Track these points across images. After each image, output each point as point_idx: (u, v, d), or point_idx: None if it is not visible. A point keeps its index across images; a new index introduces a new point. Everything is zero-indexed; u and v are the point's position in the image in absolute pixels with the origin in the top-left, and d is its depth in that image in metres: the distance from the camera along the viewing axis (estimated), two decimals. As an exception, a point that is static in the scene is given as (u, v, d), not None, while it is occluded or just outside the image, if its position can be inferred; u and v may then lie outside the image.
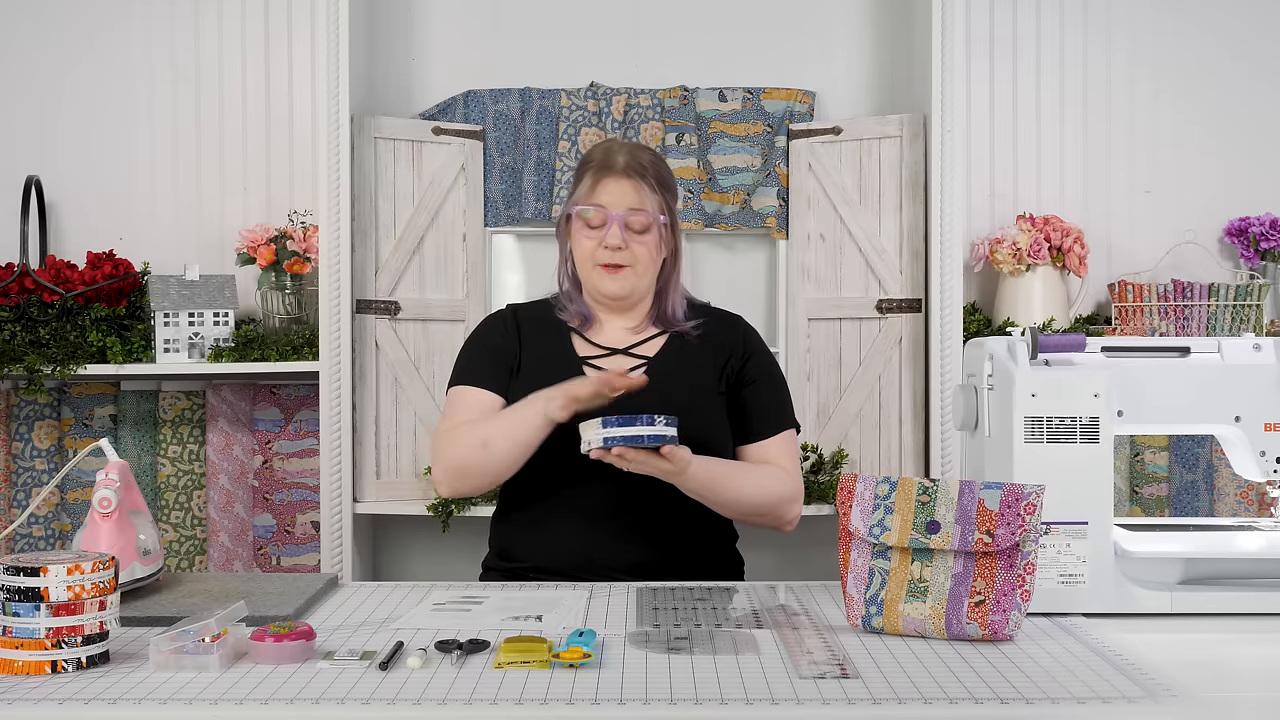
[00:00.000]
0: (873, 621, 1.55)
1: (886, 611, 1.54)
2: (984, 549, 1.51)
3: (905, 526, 1.55)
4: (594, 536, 2.00)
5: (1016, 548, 1.51)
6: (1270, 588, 1.65)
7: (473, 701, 1.26)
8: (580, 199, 2.08)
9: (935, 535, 1.54)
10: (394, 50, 2.94)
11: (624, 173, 2.06)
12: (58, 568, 1.36)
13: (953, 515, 1.53)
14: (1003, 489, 1.53)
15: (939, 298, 2.65)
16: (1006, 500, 1.52)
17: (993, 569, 1.52)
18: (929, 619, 1.52)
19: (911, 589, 1.54)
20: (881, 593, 1.55)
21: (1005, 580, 1.51)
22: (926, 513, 1.54)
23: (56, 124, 2.93)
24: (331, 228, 2.63)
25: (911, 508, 1.55)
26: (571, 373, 2.07)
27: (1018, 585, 1.51)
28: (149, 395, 2.80)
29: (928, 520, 1.54)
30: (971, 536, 1.52)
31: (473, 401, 2.06)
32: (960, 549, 1.52)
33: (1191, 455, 2.78)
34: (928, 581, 1.54)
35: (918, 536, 1.54)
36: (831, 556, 2.85)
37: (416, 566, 2.94)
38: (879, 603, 1.55)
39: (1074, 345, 1.70)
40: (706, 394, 2.09)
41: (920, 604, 1.53)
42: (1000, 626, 1.49)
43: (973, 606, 1.51)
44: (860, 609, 1.56)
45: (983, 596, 1.51)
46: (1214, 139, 2.97)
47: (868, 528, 1.57)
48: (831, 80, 2.96)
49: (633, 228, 2.06)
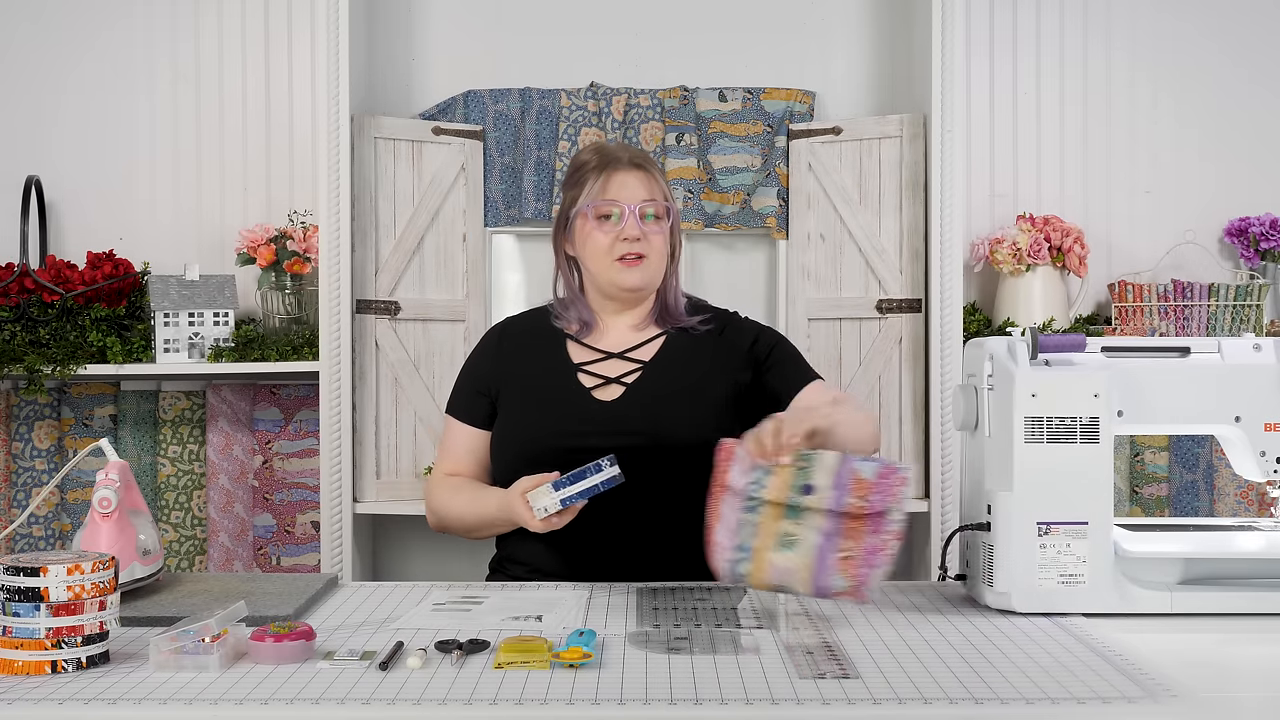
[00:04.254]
0: (739, 567, 1.62)
1: (755, 558, 1.61)
2: (857, 511, 1.59)
3: (782, 486, 1.62)
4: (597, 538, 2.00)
5: (884, 515, 1.59)
6: (1270, 588, 1.65)
7: (473, 701, 1.26)
8: (594, 196, 2.08)
9: (810, 496, 1.61)
10: (394, 50, 2.94)
11: (632, 165, 2.09)
12: (58, 568, 1.36)
13: (829, 481, 1.61)
14: (879, 464, 1.61)
15: (939, 298, 2.65)
16: (883, 472, 1.60)
17: (860, 530, 1.59)
18: (796, 569, 1.59)
19: (781, 540, 1.61)
20: (752, 540, 1.62)
21: (871, 542, 1.59)
22: (804, 476, 1.62)
23: (56, 124, 2.93)
24: (331, 228, 2.63)
25: (790, 471, 1.62)
26: (566, 381, 2.08)
27: (882, 548, 1.59)
28: (149, 395, 2.80)
29: (804, 484, 1.61)
30: (845, 498, 1.60)
31: (459, 438, 2.15)
32: (834, 509, 1.60)
33: (1191, 455, 2.78)
34: (796, 536, 1.61)
35: (794, 495, 1.61)
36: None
37: (416, 566, 2.94)
38: (748, 549, 1.62)
39: (1074, 345, 1.70)
40: (705, 394, 2.09)
41: (790, 554, 1.60)
42: (864, 580, 1.58)
43: (841, 560, 1.59)
44: (729, 553, 1.63)
45: (850, 553, 1.59)
46: (1214, 139, 2.97)
47: (745, 483, 1.64)
48: (831, 80, 2.96)
49: (649, 218, 2.08)
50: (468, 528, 2.09)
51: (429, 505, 2.16)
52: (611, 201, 2.07)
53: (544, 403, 2.07)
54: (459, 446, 2.15)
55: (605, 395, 2.07)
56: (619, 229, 2.07)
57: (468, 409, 2.15)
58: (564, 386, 2.08)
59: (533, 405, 2.07)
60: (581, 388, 2.08)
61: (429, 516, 2.17)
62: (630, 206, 2.07)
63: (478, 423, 2.14)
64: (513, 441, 2.06)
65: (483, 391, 2.14)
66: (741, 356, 2.12)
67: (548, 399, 2.07)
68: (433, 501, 2.14)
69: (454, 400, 2.19)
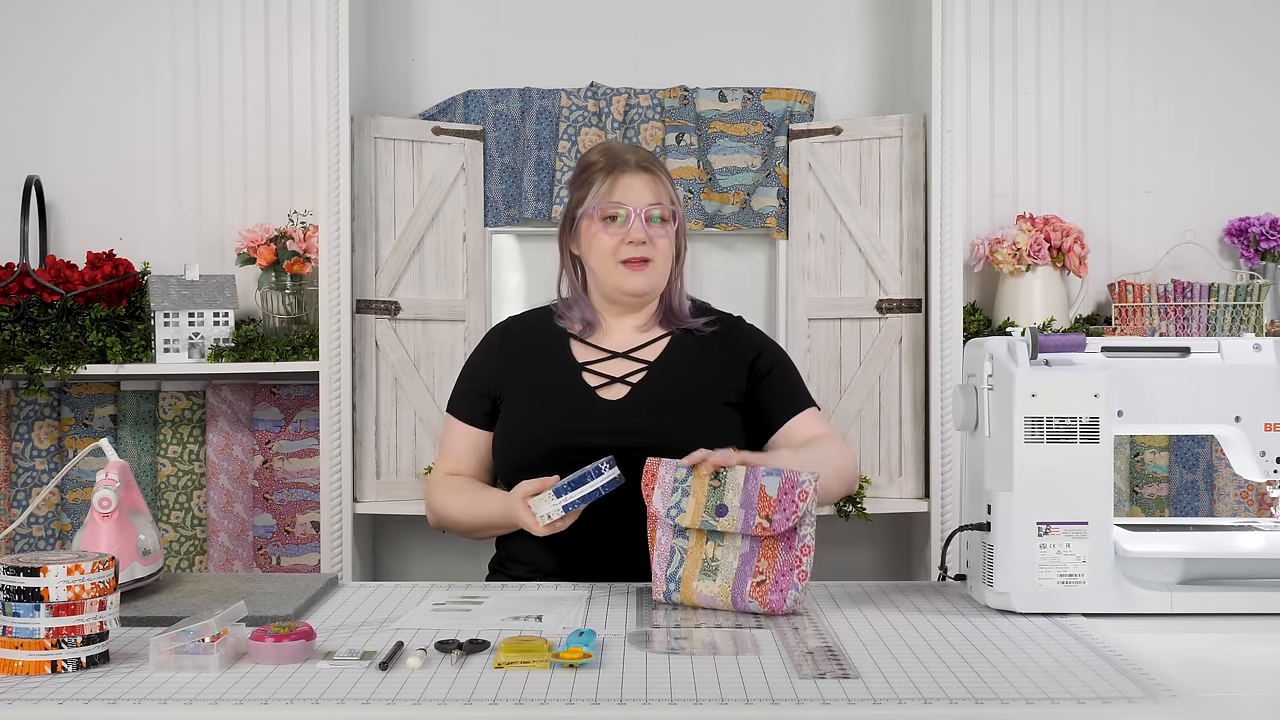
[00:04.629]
0: (673, 596, 1.69)
1: (683, 588, 1.68)
2: (763, 533, 1.64)
3: (698, 509, 1.68)
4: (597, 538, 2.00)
5: (793, 531, 1.64)
6: (1270, 588, 1.65)
7: (473, 701, 1.26)
8: (601, 198, 2.08)
9: (723, 518, 1.67)
10: (394, 50, 2.94)
11: (638, 168, 2.09)
12: (58, 568, 1.36)
13: (738, 500, 1.66)
14: (781, 476, 1.66)
15: (939, 298, 2.65)
16: (784, 487, 1.65)
17: (774, 549, 1.65)
18: (717, 596, 1.66)
19: (704, 567, 1.67)
20: (680, 570, 1.68)
21: (784, 561, 1.64)
22: (716, 496, 1.67)
23: (56, 124, 2.93)
24: (331, 228, 2.63)
25: (705, 491, 1.68)
26: (570, 380, 2.08)
27: (795, 566, 1.64)
28: (149, 395, 2.80)
29: (717, 504, 1.67)
30: (753, 521, 1.65)
31: (460, 438, 2.16)
32: (743, 532, 1.66)
33: (1191, 455, 2.78)
34: (719, 561, 1.67)
35: (708, 519, 1.67)
36: (831, 557, 2.86)
37: (416, 566, 2.94)
38: (677, 579, 1.69)
39: (1074, 345, 1.70)
40: (709, 396, 2.09)
41: (711, 582, 1.67)
42: (777, 605, 1.63)
43: (755, 585, 1.64)
44: (662, 584, 1.70)
45: (764, 577, 1.64)
46: (1214, 139, 2.96)
47: (666, 509, 1.70)
48: (831, 80, 2.96)
49: (655, 221, 2.07)
50: (468, 528, 2.09)
51: (429, 504, 2.16)
52: (617, 204, 2.07)
53: (548, 402, 2.07)
54: (459, 446, 2.15)
55: (610, 394, 2.07)
56: (624, 231, 2.07)
57: (468, 409, 2.15)
58: (568, 386, 2.08)
59: (537, 404, 2.07)
60: (586, 387, 2.08)
61: (429, 515, 2.17)
62: (636, 209, 2.06)
63: (478, 423, 2.14)
64: (517, 440, 2.06)
65: (484, 392, 2.14)
66: (744, 364, 2.13)
67: (552, 398, 2.07)
68: (433, 501, 2.14)
69: (455, 400, 2.19)
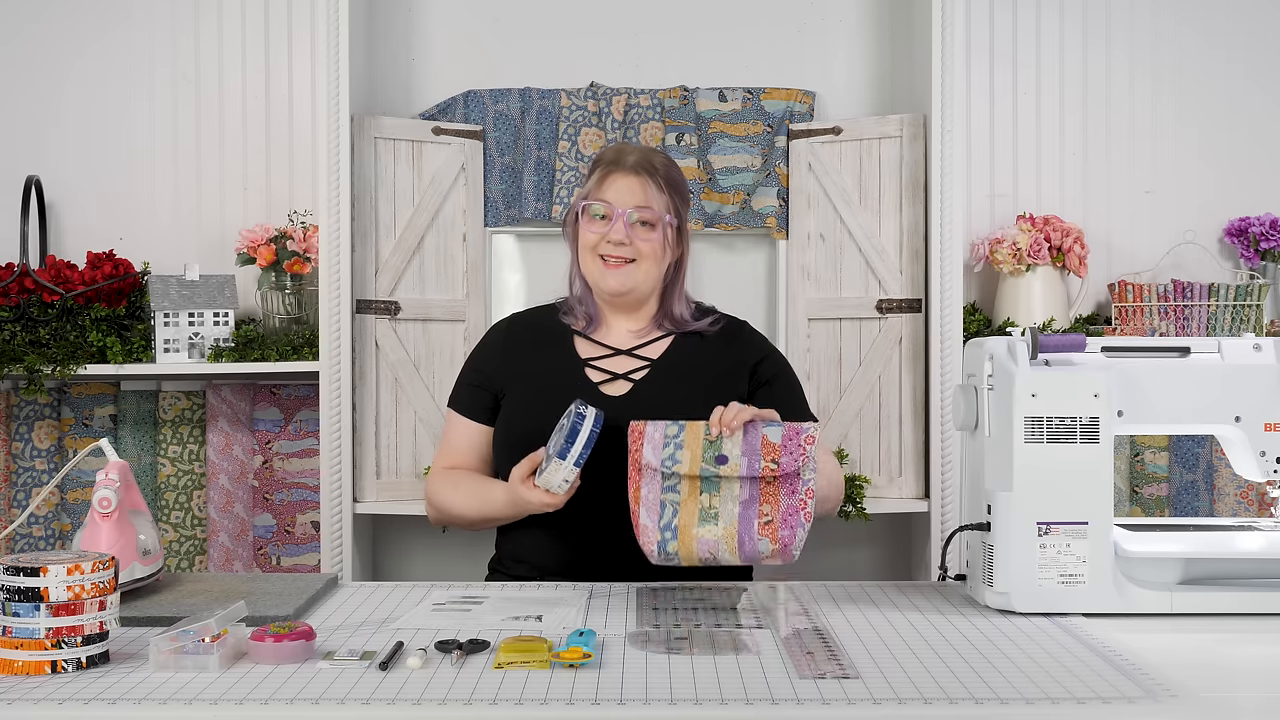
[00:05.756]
0: (668, 546, 1.69)
1: (681, 536, 1.69)
2: (770, 474, 1.67)
3: (695, 459, 1.70)
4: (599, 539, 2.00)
5: (797, 474, 1.68)
6: (1270, 588, 1.65)
7: (473, 701, 1.26)
8: (589, 193, 2.10)
9: (724, 465, 1.69)
10: (394, 50, 2.94)
11: (633, 170, 2.09)
12: (58, 568, 1.36)
13: (739, 450, 1.69)
14: (784, 426, 1.71)
15: (939, 298, 2.65)
16: (788, 434, 1.69)
17: (776, 494, 1.68)
18: (721, 540, 1.67)
19: (703, 515, 1.69)
20: (675, 520, 1.69)
21: (789, 504, 1.67)
22: (714, 448, 1.70)
23: (56, 124, 2.93)
24: (331, 228, 2.63)
25: (700, 444, 1.71)
26: (574, 376, 2.08)
27: (800, 508, 1.68)
28: (149, 395, 2.80)
29: (716, 454, 1.69)
30: (758, 464, 1.68)
31: (461, 432, 2.17)
32: (748, 475, 1.68)
33: (1191, 455, 2.78)
34: (717, 508, 1.69)
35: (707, 467, 1.69)
36: (831, 557, 2.86)
37: (416, 566, 2.94)
38: (673, 528, 1.69)
39: (1074, 345, 1.70)
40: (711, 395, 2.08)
41: (713, 527, 1.68)
42: (789, 541, 1.66)
43: (762, 525, 1.67)
44: (655, 535, 1.70)
45: (770, 517, 1.67)
46: (1214, 139, 2.96)
47: (659, 460, 1.71)
48: (831, 80, 2.96)
49: (638, 224, 2.07)
50: (471, 521, 2.09)
51: (429, 499, 2.16)
52: (603, 202, 2.08)
53: (552, 398, 2.07)
54: (460, 441, 2.15)
55: (613, 391, 2.08)
56: (606, 230, 2.08)
57: (470, 403, 2.16)
58: (571, 382, 2.09)
59: (541, 400, 2.08)
60: (590, 383, 2.09)
61: (429, 511, 2.17)
62: (620, 210, 2.07)
63: (480, 418, 2.14)
64: (520, 436, 2.06)
65: (486, 387, 2.15)
66: (746, 367, 2.13)
67: (555, 394, 2.07)
68: (434, 496, 2.14)
69: (456, 394, 2.19)
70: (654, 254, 2.10)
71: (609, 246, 2.08)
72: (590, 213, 2.10)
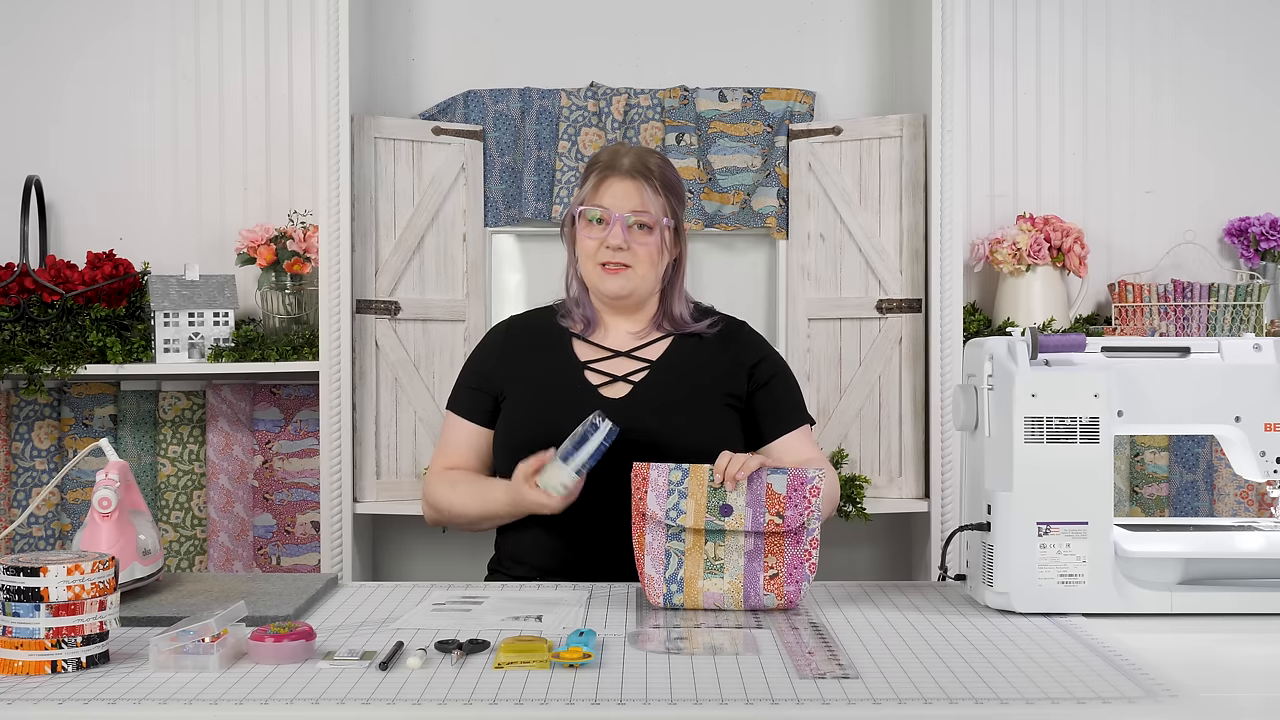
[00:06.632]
0: (674, 599, 1.68)
1: (687, 588, 1.68)
2: (774, 529, 1.66)
3: (700, 510, 1.68)
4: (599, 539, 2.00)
5: (803, 527, 1.67)
6: (1270, 588, 1.65)
7: (473, 701, 1.26)
8: (585, 198, 2.09)
9: (729, 518, 1.68)
10: (394, 50, 2.94)
11: (628, 173, 2.08)
12: (58, 568, 1.36)
13: (744, 500, 1.68)
14: (788, 474, 1.69)
15: (939, 298, 2.65)
16: (792, 484, 1.68)
17: (781, 545, 1.68)
18: (727, 593, 1.67)
19: (708, 566, 1.68)
20: (680, 571, 1.68)
21: (794, 555, 1.67)
22: (718, 497, 1.68)
23: (56, 124, 2.93)
24: (331, 228, 2.63)
25: (704, 492, 1.69)
26: (573, 378, 2.08)
27: (805, 559, 1.68)
28: (149, 395, 2.80)
29: (720, 503, 1.68)
30: (763, 518, 1.67)
31: (459, 434, 2.16)
32: (752, 530, 1.67)
33: (1191, 455, 2.78)
34: (723, 559, 1.68)
35: (712, 519, 1.68)
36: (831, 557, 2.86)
37: (416, 566, 2.94)
38: (679, 580, 1.68)
39: (1074, 345, 1.70)
40: (710, 397, 2.09)
41: (719, 579, 1.67)
42: (794, 596, 1.67)
43: (768, 580, 1.66)
44: (661, 587, 1.68)
45: (775, 570, 1.66)
46: (1214, 139, 2.96)
47: (664, 511, 1.69)
48: (831, 80, 2.96)
49: (635, 228, 2.07)
50: (471, 520, 2.09)
51: (427, 500, 2.16)
52: (600, 207, 2.08)
53: (551, 400, 2.07)
54: (459, 442, 2.15)
55: (612, 393, 2.08)
56: (604, 235, 2.07)
57: (469, 405, 2.16)
58: (570, 384, 2.08)
59: (540, 402, 2.08)
60: (589, 385, 2.08)
61: (426, 511, 2.17)
62: (617, 215, 2.07)
63: (479, 420, 2.14)
64: (519, 438, 2.06)
65: (485, 389, 2.14)
66: (744, 368, 2.13)
67: (554, 396, 2.08)
68: (433, 496, 2.14)
69: (455, 396, 2.19)
70: (651, 257, 2.09)
71: (607, 252, 2.08)
72: (587, 218, 2.09)
